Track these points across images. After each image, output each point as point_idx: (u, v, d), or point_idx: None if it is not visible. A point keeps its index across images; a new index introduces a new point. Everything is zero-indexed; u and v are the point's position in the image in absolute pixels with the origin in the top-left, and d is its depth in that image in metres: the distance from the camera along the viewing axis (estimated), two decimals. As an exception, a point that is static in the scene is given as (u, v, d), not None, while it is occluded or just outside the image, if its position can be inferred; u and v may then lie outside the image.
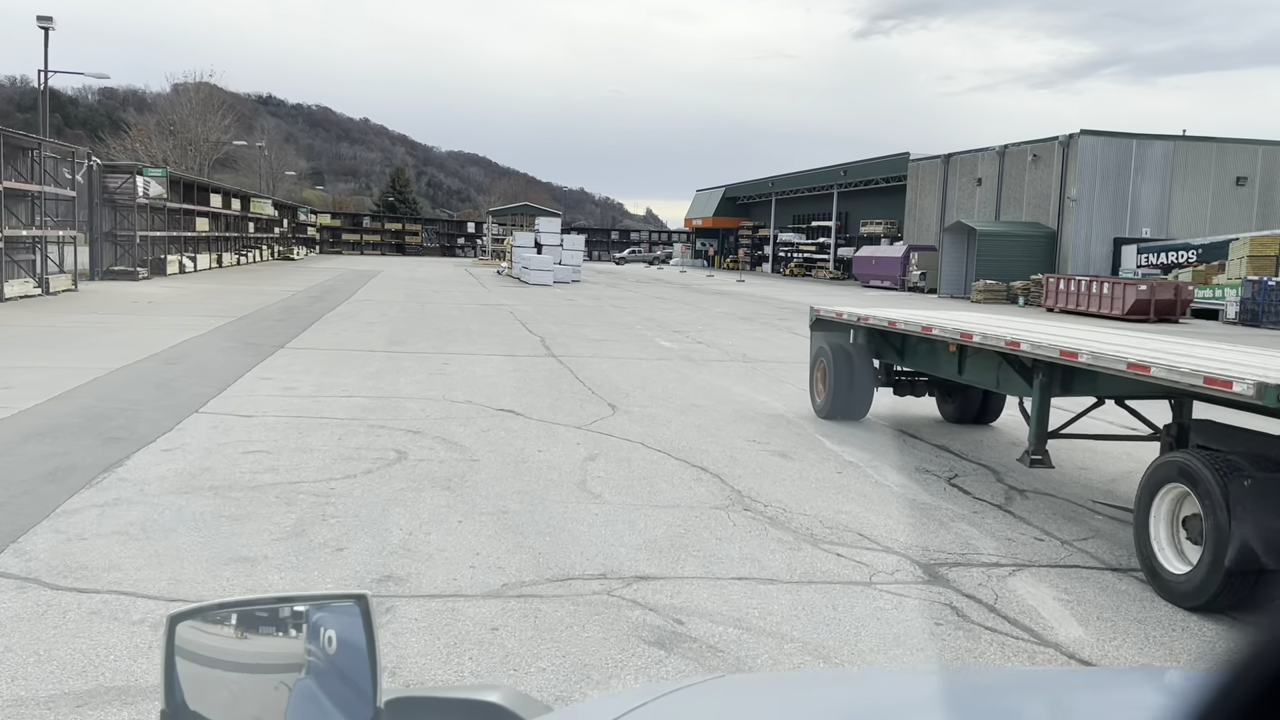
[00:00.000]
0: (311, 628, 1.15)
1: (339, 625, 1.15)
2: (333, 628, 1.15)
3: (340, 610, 1.16)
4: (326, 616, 1.16)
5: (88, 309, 20.49)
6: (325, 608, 1.16)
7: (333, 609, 1.17)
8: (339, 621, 1.15)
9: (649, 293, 37.10)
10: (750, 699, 1.22)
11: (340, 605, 1.17)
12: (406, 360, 13.73)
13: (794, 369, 14.53)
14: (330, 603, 1.18)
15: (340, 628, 1.15)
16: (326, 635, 1.15)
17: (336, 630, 1.15)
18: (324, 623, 1.15)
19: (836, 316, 10.52)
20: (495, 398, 10.86)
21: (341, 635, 1.15)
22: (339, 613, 1.16)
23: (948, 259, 40.53)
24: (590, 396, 11.28)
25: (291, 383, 11.24)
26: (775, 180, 70.15)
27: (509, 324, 20.54)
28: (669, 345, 17.44)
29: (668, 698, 1.14)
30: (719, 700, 1.23)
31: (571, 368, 13.75)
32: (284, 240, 65.48)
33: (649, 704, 1.10)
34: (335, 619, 1.16)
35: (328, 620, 1.15)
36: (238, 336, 15.96)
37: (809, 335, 11.28)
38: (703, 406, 10.92)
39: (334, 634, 1.15)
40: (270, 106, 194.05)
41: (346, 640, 1.14)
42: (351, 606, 1.16)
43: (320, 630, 1.15)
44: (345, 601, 1.17)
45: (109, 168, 31.00)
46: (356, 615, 1.15)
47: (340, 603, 1.17)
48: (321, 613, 1.16)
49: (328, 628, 1.15)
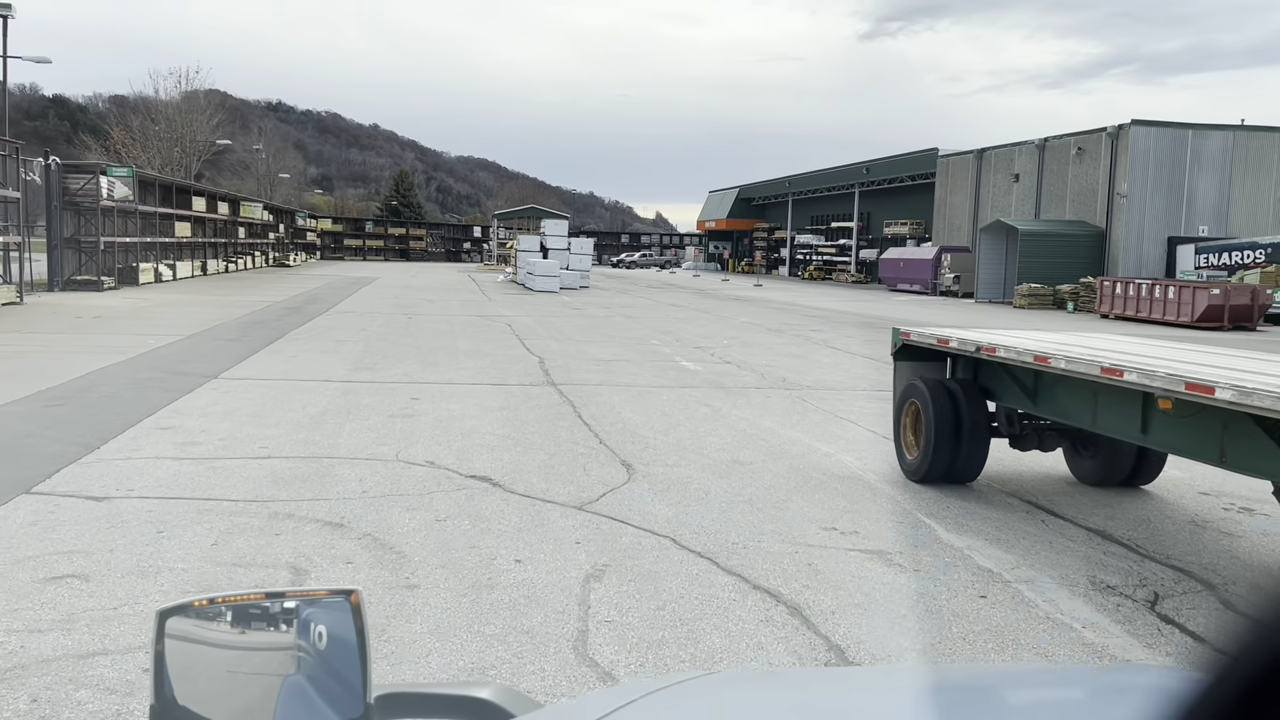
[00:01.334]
0: (302, 623, 1.13)
1: (329, 621, 1.13)
2: (323, 623, 1.13)
3: (331, 606, 1.14)
4: (317, 612, 1.13)
5: (10, 327, 17.71)
6: (316, 603, 1.14)
7: (323, 605, 1.14)
8: (329, 617, 1.13)
9: (662, 299, 34.26)
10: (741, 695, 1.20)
11: (331, 601, 1.14)
12: (366, 395, 10.89)
13: (851, 400, 11.66)
14: (321, 598, 1.15)
15: (330, 623, 1.12)
16: (317, 631, 1.12)
17: (327, 626, 1.12)
18: (314, 618, 1.13)
19: (939, 344, 7.60)
20: (469, 454, 8.02)
21: (332, 631, 1.12)
22: (329, 608, 1.14)
23: (985, 261, 37.54)
24: (597, 449, 8.43)
25: (196, 435, 8.41)
26: (792, 180, 67.19)
27: (504, 341, 17.70)
28: (692, 366, 14.58)
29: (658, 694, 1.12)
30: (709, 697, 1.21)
31: (574, 402, 10.91)
32: (280, 246, 62.82)
33: (638, 700, 1.08)
34: (325, 615, 1.13)
35: (318, 616, 1.13)
36: (168, 362, 13.15)
37: (892, 366, 8.40)
38: (749, 464, 8.05)
39: (324, 629, 1.12)
40: (280, 113, 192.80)
41: (337, 636, 1.12)
42: (342, 602, 1.13)
43: (310, 626, 1.12)
44: (336, 597, 1.14)
45: (70, 167, 28.24)
46: (347, 611, 1.12)
47: (331, 598, 1.14)
48: (312, 608, 1.13)
49: (318, 623, 1.13)
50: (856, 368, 15.13)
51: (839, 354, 17.09)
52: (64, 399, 9.90)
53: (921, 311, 30.77)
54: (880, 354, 17.13)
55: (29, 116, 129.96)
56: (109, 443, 7.92)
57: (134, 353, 13.95)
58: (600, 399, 11.17)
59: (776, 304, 33.30)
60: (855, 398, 11.94)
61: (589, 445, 8.59)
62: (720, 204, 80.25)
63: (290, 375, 12.26)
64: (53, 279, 27.29)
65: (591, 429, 9.36)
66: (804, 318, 26.48)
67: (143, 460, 7.36)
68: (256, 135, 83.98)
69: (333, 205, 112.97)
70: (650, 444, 8.73)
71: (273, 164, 79.80)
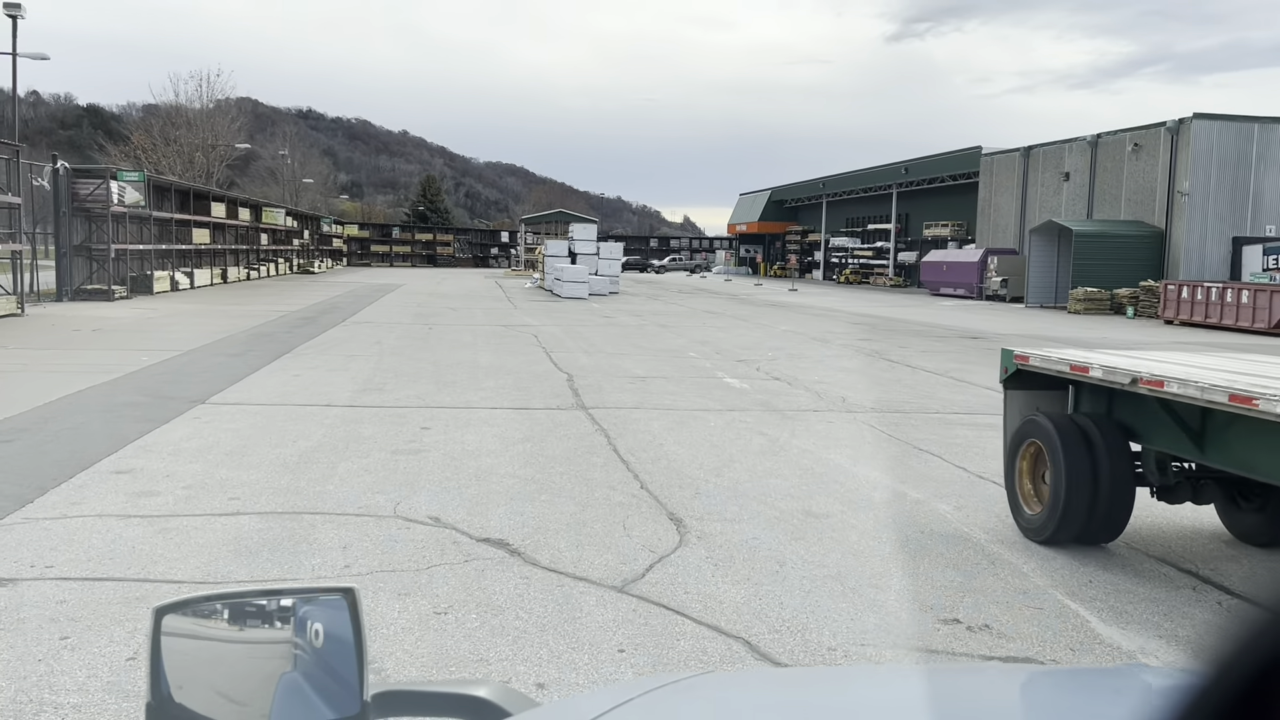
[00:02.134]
0: (299, 621, 1.11)
1: (326, 619, 1.11)
2: (320, 621, 1.11)
3: (327, 604, 1.12)
4: (314, 610, 1.12)
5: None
6: (313, 601, 1.13)
7: (320, 602, 1.13)
8: (326, 615, 1.12)
9: (696, 305, 32.76)
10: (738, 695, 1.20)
11: (328, 599, 1.13)
12: (369, 424, 9.49)
13: (926, 426, 10.12)
14: (318, 596, 1.14)
15: (327, 621, 1.11)
16: (313, 628, 1.11)
17: (323, 623, 1.11)
18: (311, 616, 1.11)
19: (1073, 372, 6.03)
20: (483, 505, 6.57)
21: (328, 629, 1.11)
22: (326, 606, 1.12)
23: (1035, 264, 35.70)
24: (639, 497, 6.95)
25: (157, 481, 7.01)
26: (827, 181, 65.42)
27: (530, 354, 16.28)
28: (737, 384, 13.08)
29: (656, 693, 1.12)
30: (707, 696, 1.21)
31: (608, 430, 9.45)
32: (305, 253, 61.89)
33: (636, 699, 1.08)
34: (322, 612, 1.12)
35: (315, 613, 1.12)
36: (155, 384, 11.82)
37: (1003, 396, 6.86)
38: (825, 517, 6.54)
39: (321, 627, 1.11)
40: (310, 120, 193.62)
41: (333, 634, 1.11)
42: (339, 600, 1.12)
43: (307, 623, 1.11)
44: (333, 595, 1.13)
45: (79, 172, 27.14)
46: (344, 609, 1.11)
47: (328, 596, 1.13)
48: (309, 606, 1.12)
49: (315, 621, 1.11)
50: (921, 384, 13.57)
51: (897, 368, 15.51)
52: (17, 433, 8.55)
53: (972, 317, 29.07)
54: (944, 368, 15.55)
55: (63, 125, 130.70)
56: (48, 493, 6.53)
57: (121, 372, 12.64)
58: (637, 426, 9.70)
59: (816, 310, 31.70)
60: (929, 423, 10.40)
61: (628, 491, 7.11)
62: (751, 207, 78.59)
63: (288, 398, 10.88)
64: (61, 288, 26.19)
65: (630, 467, 7.89)
66: (848, 325, 24.88)
67: (80, 520, 5.95)
68: (282, 141, 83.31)
69: (361, 211, 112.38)
70: (701, 488, 7.24)
71: (299, 170, 79.02)
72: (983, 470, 8.18)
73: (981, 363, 16.51)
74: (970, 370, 15.30)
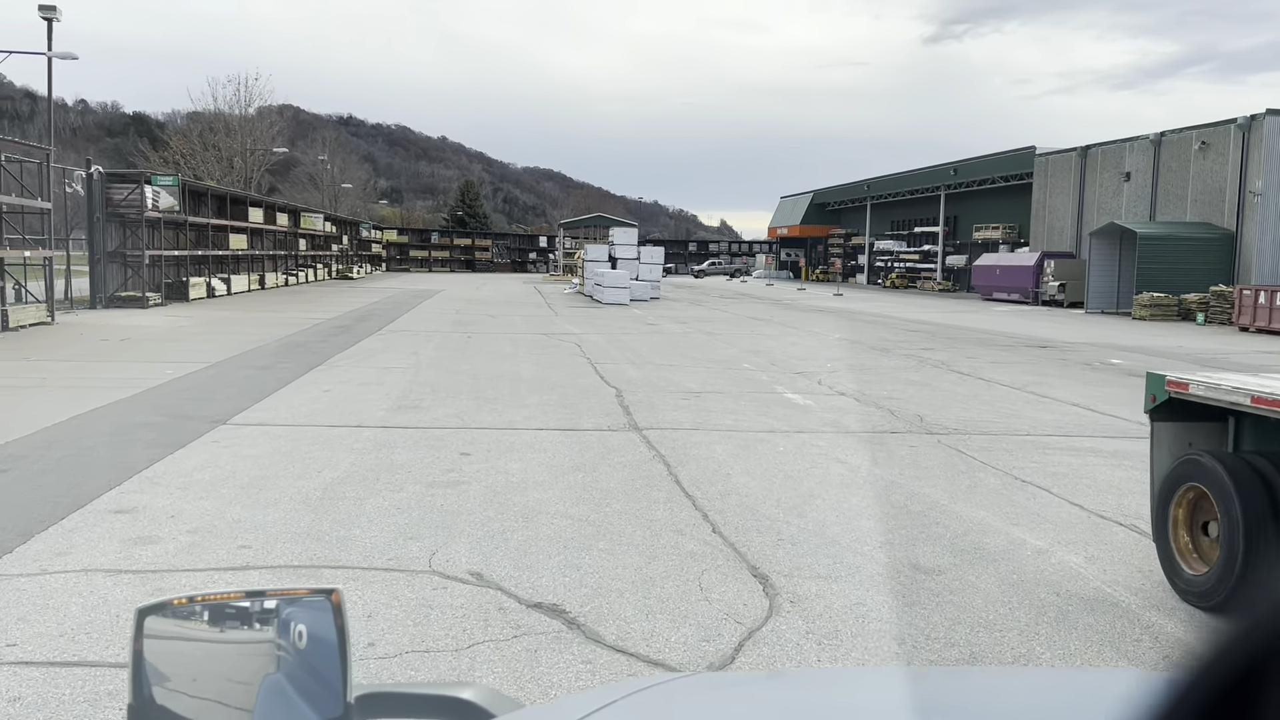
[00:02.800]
0: (282, 622, 1.09)
1: (309, 620, 1.09)
2: (303, 622, 1.09)
3: (311, 605, 1.10)
4: (297, 611, 1.10)
5: (19, 354, 15.83)
6: (296, 602, 1.10)
7: (304, 603, 1.10)
8: (309, 616, 1.09)
9: (741, 311, 31.71)
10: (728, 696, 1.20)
11: (311, 600, 1.10)
12: (403, 448, 8.57)
13: (1022, 453, 9.03)
14: (301, 597, 1.11)
15: (311, 623, 1.09)
16: (297, 630, 1.09)
17: (307, 625, 1.09)
18: (294, 617, 1.09)
19: (1264, 404, 4.91)
20: (532, 556, 5.60)
21: (312, 630, 1.09)
22: (310, 608, 1.10)
23: (1096, 267, 34.21)
24: (712, 543, 5.96)
25: (160, 523, 6.12)
26: (871, 183, 64.00)
27: (575, 365, 15.34)
28: (800, 400, 12.04)
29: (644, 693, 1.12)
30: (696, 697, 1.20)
31: (666, 457, 8.47)
32: (344, 258, 61.56)
33: (619, 701, 1.07)
34: (306, 614, 1.09)
35: (298, 615, 1.09)
36: (176, 401, 11.00)
37: (1149, 430, 5.78)
38: (939, 572, 5.51)
39: (304, 629, 1.09)
40: (351, 127, 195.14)
41: (317, 635, 1.09)
42: (322, 601, 1.10)
43: (291, 625, 1.09)
44: (316, 596, 1.10)
45: (113, 176, 26.63)
46: (327, 610, 1.09)
47: (311, 598, 1.10)
48: (292, 607, 1.10)
49: (298, 622, 1.09)
50: (1000, 401, 12.44)
51: (969, 381, 14.38)
52: (14, 461, 7.72)
53: (1033, 324, 27.75)
54: (1020, 380, 14.40)
55: (110, 133, 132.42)
56: (32, 540, 5.66)
57: (142, 386, 11.86)
58: (699, 452, 8.71)
59: (866, 316, 30.52)
60: (1022, 447, 9.30)
61: (699, 536, 6.12)
62: (793, 210, 77.30)
63: (316, 418, 10.01)
64: (95, 295, 25.67)
65: (696, 504, 6.90)
66: (905, 333, 23.71)
67: (62, 577, 5.07)
68: (322, 146, 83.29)
69: (400, 216, 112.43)
70: (783, 533, 6.23)
71: (338, 175, 78.93)
72: (1101, 507, 7.11)
73: (1059, 375, 15.35)
74: (1049, 384, 14.14)
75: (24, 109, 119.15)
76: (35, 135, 21.94)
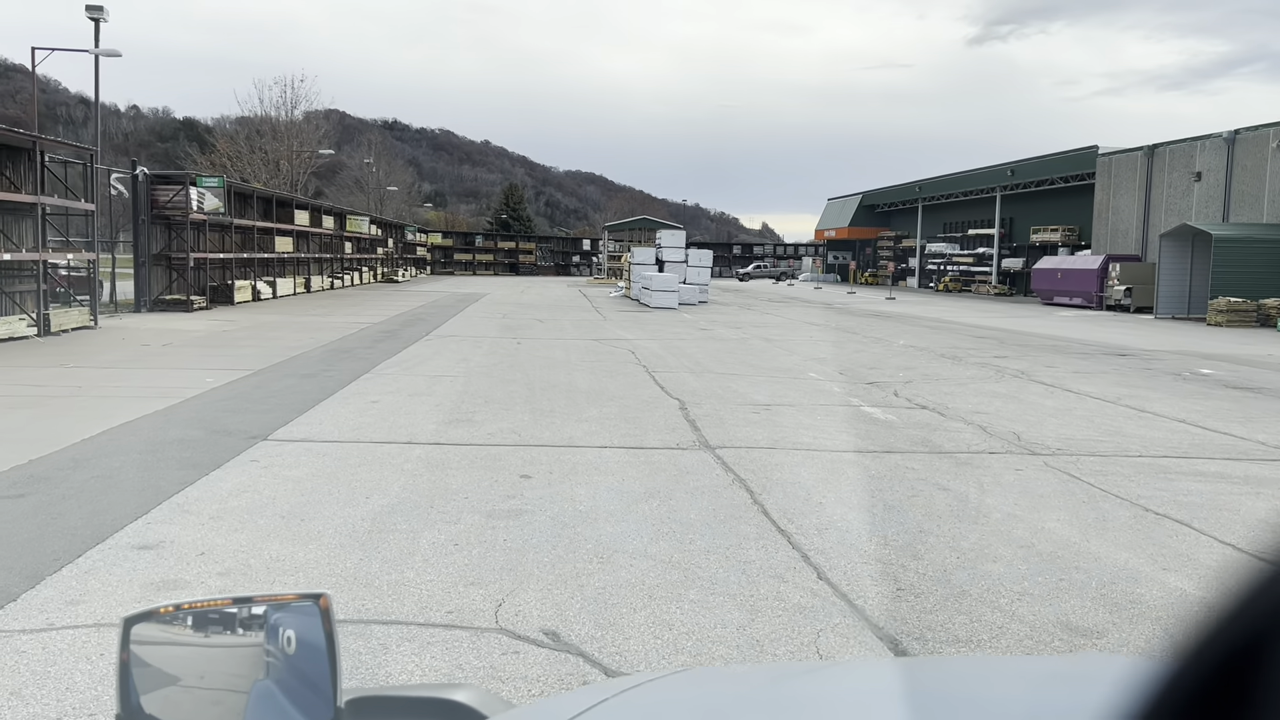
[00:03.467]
0: (270, 628, 1.07)
1: (298, 625, 1.06)
2: (291, 628, 1.06)
3: (299, 610, 1.07)
4: (285, 616, 1.07)
5: (57, 359, 15.34)
6: (284, 608, 1.08)
7: (292, 609, 1.07)
8: (298, 622, 1.06)
9: (794, 316, 30.76)
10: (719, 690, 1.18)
11: (299, 605, 1.07)
12: (458, 470, 7.81)
13: (1139, 475, 8.08)
14: (289, 603, 1.08)
15: (299, 628, 1.06)
16: (285, 635, 1.06)
17: (295, 630, 1.06)
18: (282, 623, 1.07)
19: None
20: (612, 609, 4.80)
21: (300, 635, 1.06)
22: (298, 613, 1.07)
23: (1166, 271, 32.78)
24: (820, 594, 5.11)
25: (187, 563, 5.39)
26: (923, 184, 62.58)
27: (631, 374, 14.54)
28: (880, 414, 11.14)
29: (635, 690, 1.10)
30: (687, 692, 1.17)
31: (747, 480, 7.63)
32: (389, 261, 61.37)
33: (614, 698, 1.05)
34: (294, 619, 1.07)
35: (286, 620, 1.07)
36: (214, 413, 10.34)
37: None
38: (1093, 633, 4.62)
39: (293, 634, 1.06)
40: (396, 131, 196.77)
41: (305, 640, 1.06)
42: (311, 606, 1.07)
43: (279, 631, 1.06)
44: (304, 601, 1.07)
45: (158, 178, 26.30)
46: (316, 615, 1.06)
47: (299, 603, 1.08)
48: (280, 613, 1.07)
49: (286, 628, 1.06)
50: (1097, 416, 11.43)
51: (1056, 393, 13.36)
52: (36, 482, 7.05)
53: (1103, 330, 26.51)
54: (1110, 393, 13.34)
55: (161, 138, 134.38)
56: (42, 584, 4.94)
57: (181, 396, 11.24)
58: (782, 475, 7.86)
59: (926, 321, 29.42)
60: (1140, 471, 8.34)
61: (803, 584, 5.27)
62: (841, 212, 76.00)
63: (363, 434, 9.29)
64: (139, 299, 25.34)
65: (792, 541, 6.05)
66: (972, 339, 22.63)
67: (70, 634, 4.34)
68: (367, 150, 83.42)
69: (444, 220, 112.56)
70: (900, 579, 5.36)
71: (383, 179, 78.96)
72: (1259, 547, 6.14)
73: (1150, 386, 14.27)
74: (1144, 397, 13.08)
75: (78, 114, 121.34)
76: (89, 140, 21.71)
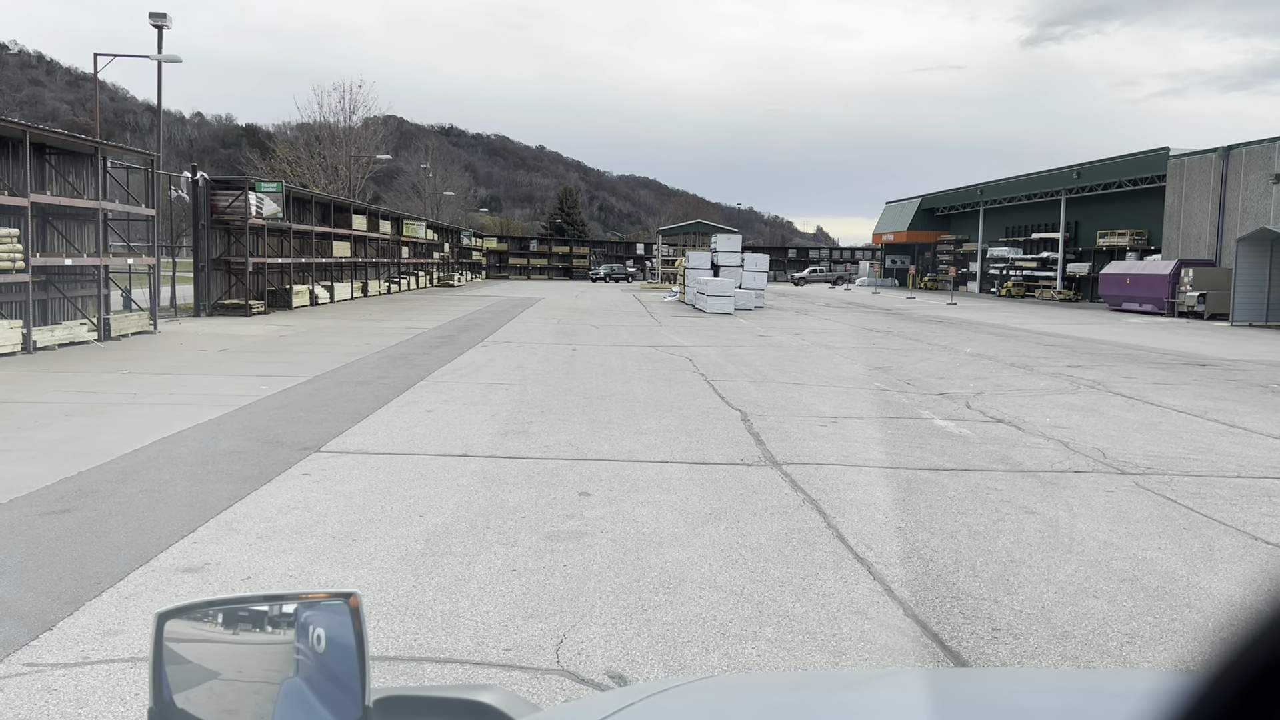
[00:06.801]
0: (300, 626, 1.09)
1: (328, 624, 1.08)
2: (321, 626, 1.08)
3: (329, 609, 1.09)
4: (315, 615, 1.09)
5: (115, 364, 15.36)
6: (314, 606, 1.10)
7: (322, 608, 1.09)
8: (328, 620, 1.08)
9: (853, 322, 30.12)
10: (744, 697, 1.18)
11: (330, 604, 1.09)
12: (514, 486, 7.49)
13: (1240, 497, 7.52)
14: (320, 601, 1.10)
15: (329, 626, 1.08)
16: (315, 634, 1.08)
17: (325, 629, 1.08)
18: (313, 621, 1.09)
19: None
20: (683, 649, 4.42)
21: (330, 634, 1.08)
22: (328, 611, 1.09)
23: (1244, 277, 31.55)
24: (908, 633, 4.68)
25: (232, 586, 5.12)
26: (984, 188, 61.33)
27: (690, 383, 14.15)
28: (954, 428, 10.62)
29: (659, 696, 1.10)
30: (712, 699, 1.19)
31: (819, 501, 7.20)
32: (445, 266, 61.68)
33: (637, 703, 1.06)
34: (324, 618, 1.09)
35: (316, 619, 1.09)
36: (267, 423, 10.16)
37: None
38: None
39: (323, 633, 1.08)
40: (452, 137, 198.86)
41: (335, 639, 1.07)
42: (341, 605, 1.08)
43: (309, 629, 1.08)
44: (335, 600, 1.09)
45: (217, 183, 26.52)
46: (346, 614, 1.08)
47: (330, 601, 1.09)
48: (310, 611, 1.09)
49: (316, 626, 1.08)
50: (1186, 431, 10.79)
51: (1137, 406, 12.70)
52: (82, 497, 6.87)
53: (1178, 339, 25.51)
54: (1197, 406, 12.63)
55: (224, 145, 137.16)
56: (80, 610, 4.69)
57: (235, 404, 11.09)
58: (855, 495, 7.41)
59: (992, 328, 28.60)
60: (1240, 493, 7.75)
61: (889, 621, 4.84)
62: (899, 215, 74.84)
63: (417, 445, 9.02)
64: (199, 303, 25.56)
65: (872, 571, 5.62)
66: (1041, 347, 21.87)
67: (106, 669, 4.06)
68: (424, 156, 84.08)
69: (499, 225, 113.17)
70: (994, 617, 4.91)
71: (440, 184, 79.50)
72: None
73: (1237, 400, 13.53)
74: (1234, 411, 12.37)
75: (144, 121, 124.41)
76: (154, 146, 21.98)
